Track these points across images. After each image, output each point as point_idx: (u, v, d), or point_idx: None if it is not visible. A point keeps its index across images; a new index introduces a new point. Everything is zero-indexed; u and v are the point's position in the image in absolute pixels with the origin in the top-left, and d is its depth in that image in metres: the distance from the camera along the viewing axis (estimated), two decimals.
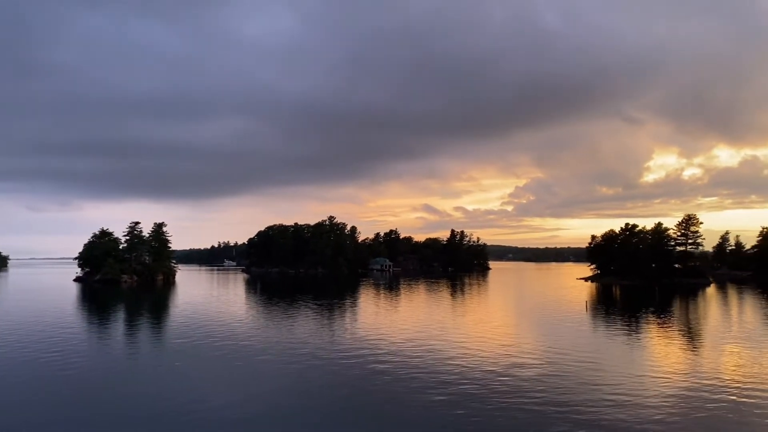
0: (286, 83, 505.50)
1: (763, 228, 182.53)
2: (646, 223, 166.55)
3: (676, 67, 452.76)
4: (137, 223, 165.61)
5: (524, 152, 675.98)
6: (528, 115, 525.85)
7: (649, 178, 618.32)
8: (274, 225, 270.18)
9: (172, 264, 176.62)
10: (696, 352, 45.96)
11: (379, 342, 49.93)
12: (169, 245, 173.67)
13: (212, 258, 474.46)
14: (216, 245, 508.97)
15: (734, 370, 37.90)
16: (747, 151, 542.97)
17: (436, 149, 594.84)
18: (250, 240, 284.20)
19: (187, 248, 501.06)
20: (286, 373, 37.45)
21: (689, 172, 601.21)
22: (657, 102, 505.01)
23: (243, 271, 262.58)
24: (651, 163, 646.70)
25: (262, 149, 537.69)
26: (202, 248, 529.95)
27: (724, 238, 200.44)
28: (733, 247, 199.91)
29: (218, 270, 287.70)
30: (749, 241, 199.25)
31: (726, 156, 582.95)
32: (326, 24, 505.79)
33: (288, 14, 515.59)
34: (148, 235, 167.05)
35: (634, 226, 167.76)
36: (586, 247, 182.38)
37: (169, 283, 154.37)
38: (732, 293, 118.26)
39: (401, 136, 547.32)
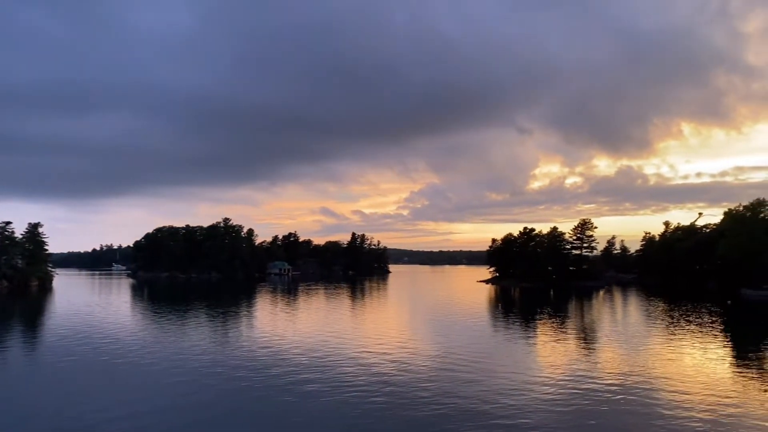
0: (181, 79, 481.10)
1: (646, 233, 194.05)
2: (531, 228, 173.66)
3: (564, 81, 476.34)
4: (8, 223, 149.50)
5: (421, 158, 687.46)
6: (426, 121, 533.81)
7: (535, 185, 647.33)
8: (164, 227, 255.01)
9: (49, 268, 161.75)
10: (581, 350, 47.93)
11: (275, 349, 47.32)
12: (46, 248, 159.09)
13: (94, 262, 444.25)
14: (98, 248, 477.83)
15: (616, 367, 40.11)
16: (623, 162, 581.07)
17: (335, 152, 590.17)
18: (137, 243, 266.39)
19: (66, 251, 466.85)
20: (178, 384, 34.53)
21: (571, 180, 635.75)
22: (546, 113, 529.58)
23: (129, 275, 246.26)
24: (537, 171, 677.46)
25: (152, 147, 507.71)
26: (82, 251, 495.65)
27: (611, 243, 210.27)
28: (619, 251, 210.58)
29: (101, 275, 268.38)
30: (629, 246, 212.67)
31: (604, 166, 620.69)
32: (225, 20, 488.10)
33: (186, 8, 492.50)
34: (20, 237, 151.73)
35: (532, 230, 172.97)
36: (486, 250, 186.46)
37: (46, 289, 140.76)
38: (621, 295, 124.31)
39: (300, 138, 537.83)
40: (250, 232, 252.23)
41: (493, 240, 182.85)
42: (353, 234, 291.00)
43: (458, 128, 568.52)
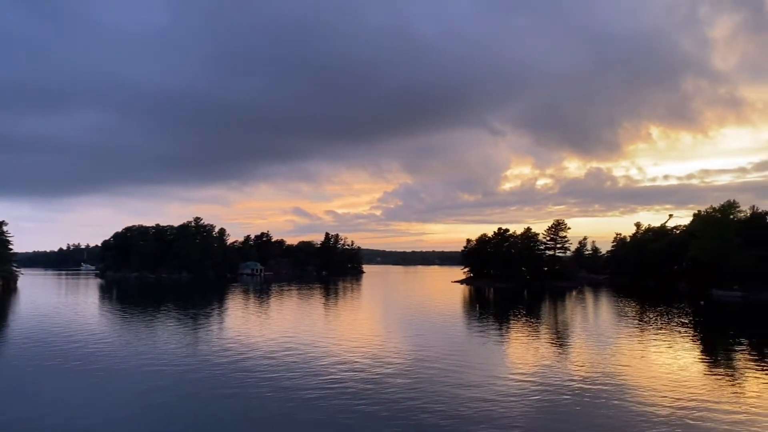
0: (152, 76, 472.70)
1: (617, 234, 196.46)
2: (505, 229, 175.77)
3: (536, 83, 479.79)
4: None
5: (395, 158, 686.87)
6: (400, 121, 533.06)
7: (506, 186, 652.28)
8: (133, 226, 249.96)
9: (14, 268, 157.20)
10: (558, 352, 48.31)
11: (250, 353, 46.28)
12: (11, 247, 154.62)
13: (61, 261, 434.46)
14: (65, 247, 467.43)
15: (586, 366, 40.81)
16: (593, 164, 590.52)
17: (308, 152, 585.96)
18: (105, 242, 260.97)
19: (32, 251, 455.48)
20: (152, 390, 33.50)
21: (542, 182, 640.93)
22: (518, 115, 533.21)
23: (97, 275, 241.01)
24: (508, 173, 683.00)
25: (121, 145, 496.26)
26: (48, 251, 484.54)
27: (582, 244, 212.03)
28: (590, 252, 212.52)
29: (68, 275, 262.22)
30: (599, 247, 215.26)
31: (574, 168, 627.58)
32: (197, 16, 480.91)
33: (159, 4, 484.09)
34: None
35: (506, 230, 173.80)
36: (461, 251, 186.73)
37: (10, 289, 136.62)
38: (595, 296, 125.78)
39: (273, 137, 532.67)
40: (222, 231, 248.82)
41: (468, 240, 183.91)
42: (327, 234, 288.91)
43: (432, 129, 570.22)
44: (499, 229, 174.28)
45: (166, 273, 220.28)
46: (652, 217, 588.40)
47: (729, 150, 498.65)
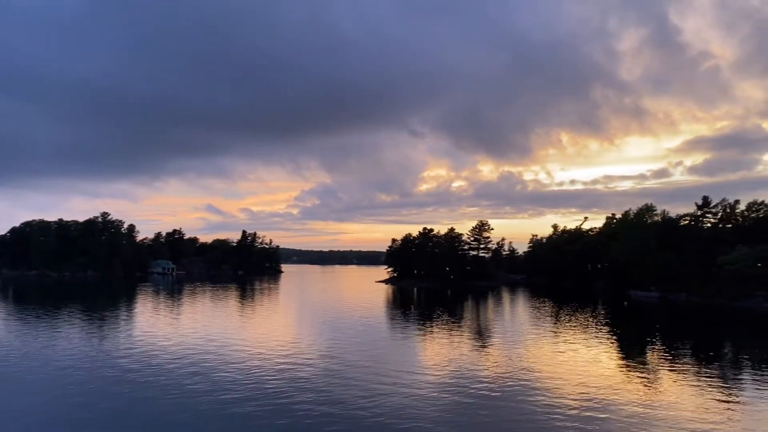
0: (57, 62, 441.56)
1: (533, 236, 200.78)
2: (418, 229, 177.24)
3: (456, 86, 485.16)
4: None
5: (314, 156, 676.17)
6: (321, 119, 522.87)
7: (423, 187, 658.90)
8: (33, 220, 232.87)
9: None
10: (472, 351, 48.25)
11: (157, 355, 44.00)
12: None
13: None
14: None
15: (500, 365, 41.19)
16: (505, 168, 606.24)
17: (222, 147, 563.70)
18: (0, 237, 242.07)
19: None
20: (47, 390, 32.40)
21: (457, 184, 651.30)
22: (437, 117, 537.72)
23: None
24: (426, 174, 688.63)
25: (17, 134, 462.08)
26: None
27: (500, 244, 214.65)
28: (508, 253, 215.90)
29: None
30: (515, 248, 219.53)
31: (488, 171, 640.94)
32: (113, 4, 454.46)
33: None
34: None
35: (430, 230, 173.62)
36: (387, 250, 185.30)
37: None
38: (517, 295, 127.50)
39: (185, 130, 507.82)
40: (131, 228, 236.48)
41: (393, 240, 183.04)
42: (244, 232, 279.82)
43: (352, 128, 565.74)
44: (424, 228, 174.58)
45: (70, 271, 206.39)
46: (559, 220, 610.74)
47: (631, 157, 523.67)
